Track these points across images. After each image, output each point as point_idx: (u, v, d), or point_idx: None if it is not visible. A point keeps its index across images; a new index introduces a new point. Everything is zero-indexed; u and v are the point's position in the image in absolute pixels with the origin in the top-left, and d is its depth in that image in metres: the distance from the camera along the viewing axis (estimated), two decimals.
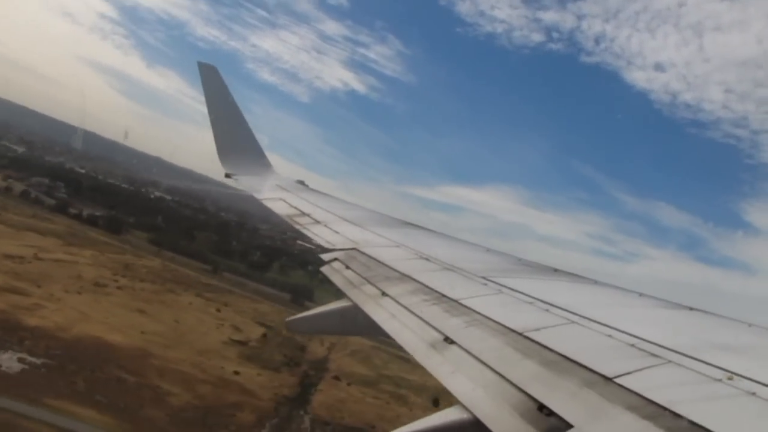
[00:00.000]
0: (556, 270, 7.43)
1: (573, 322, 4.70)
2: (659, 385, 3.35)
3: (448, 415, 3.62)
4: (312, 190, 14.05)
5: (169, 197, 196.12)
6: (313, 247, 8.49)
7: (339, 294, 6.44)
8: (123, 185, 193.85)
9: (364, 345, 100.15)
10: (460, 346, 4.37)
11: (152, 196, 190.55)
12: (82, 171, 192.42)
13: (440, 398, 77.30)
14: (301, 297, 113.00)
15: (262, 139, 16.03)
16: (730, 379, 3.40)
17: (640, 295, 6.09)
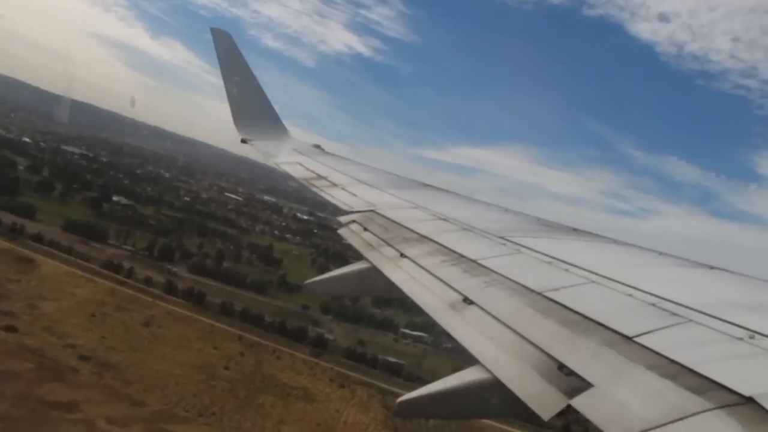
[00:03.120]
0: (575, 230, 7.39)
1: (593, 281, 4.69)
2: (680, 344, 3.35)
3: (467, 376, 3.66)
4: (329, 153, 14.00)
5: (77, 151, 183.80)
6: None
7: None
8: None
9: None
10: (479, 307, 4.40)
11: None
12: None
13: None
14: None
15: None
16: (751, 337, 3.39)
17: (660, 254, 6.03)
